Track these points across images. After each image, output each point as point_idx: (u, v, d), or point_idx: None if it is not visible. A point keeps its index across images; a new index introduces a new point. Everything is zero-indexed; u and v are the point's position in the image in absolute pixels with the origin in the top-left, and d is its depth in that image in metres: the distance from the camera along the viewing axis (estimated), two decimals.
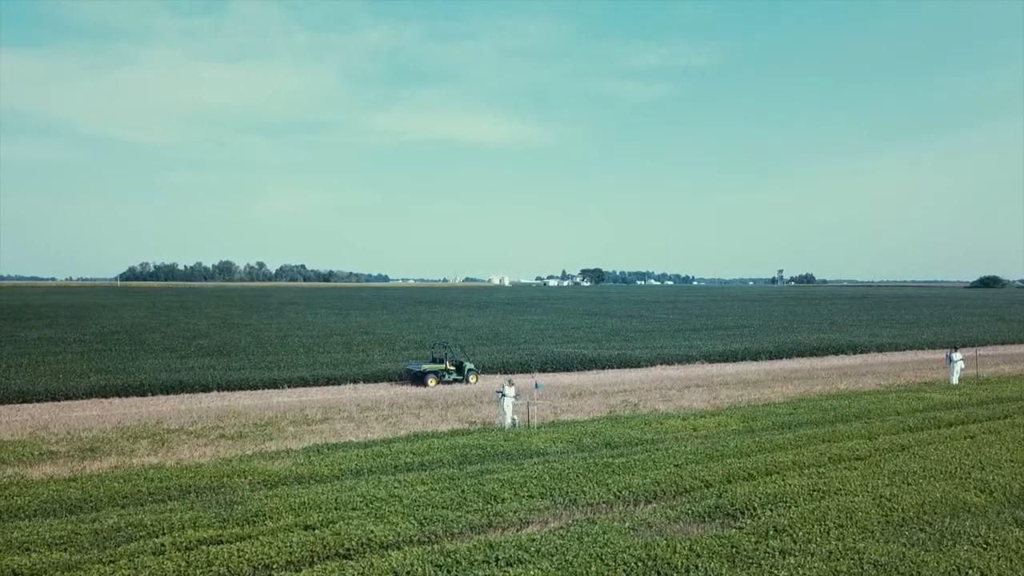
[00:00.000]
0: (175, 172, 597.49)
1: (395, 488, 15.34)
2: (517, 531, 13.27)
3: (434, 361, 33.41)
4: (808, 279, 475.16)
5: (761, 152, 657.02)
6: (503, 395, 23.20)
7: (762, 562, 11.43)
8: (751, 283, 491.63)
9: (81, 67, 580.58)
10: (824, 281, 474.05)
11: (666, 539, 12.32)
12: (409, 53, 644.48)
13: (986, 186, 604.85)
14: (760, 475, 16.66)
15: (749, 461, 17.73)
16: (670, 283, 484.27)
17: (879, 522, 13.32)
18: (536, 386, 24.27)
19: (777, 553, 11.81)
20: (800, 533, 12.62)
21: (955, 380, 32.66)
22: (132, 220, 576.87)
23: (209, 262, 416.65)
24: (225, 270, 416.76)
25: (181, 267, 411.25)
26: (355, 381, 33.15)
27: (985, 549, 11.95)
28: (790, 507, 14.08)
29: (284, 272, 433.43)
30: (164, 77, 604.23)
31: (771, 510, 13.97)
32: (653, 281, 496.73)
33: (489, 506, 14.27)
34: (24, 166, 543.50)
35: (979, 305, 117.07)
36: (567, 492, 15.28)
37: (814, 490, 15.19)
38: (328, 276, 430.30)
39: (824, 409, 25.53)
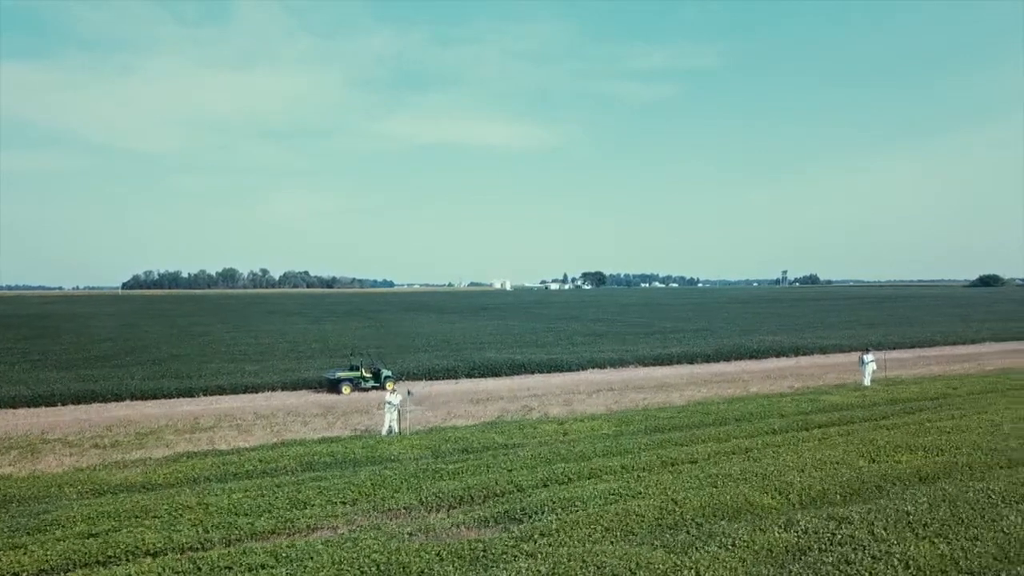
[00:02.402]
0: (180, 179, 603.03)
1: (210, 496, 15.72)
2: (301, 537, 13.60)
3: (351, 369, 33.80)
4: (812, 280, 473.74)
5: (766, 152, 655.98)
6: (389, 403, 23.63)
7: (500, 564, 11.74)
8: (755, 284, 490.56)
9: (87, 77, 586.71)
10: (829, 282, 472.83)
11: (427, 543, 12.64)
12: (413, 58, 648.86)
13: (987, 185, 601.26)
14: (578, 479, 16.98)
15: (580, 465, 18.05)
16: (675, 285, 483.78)
17: (649, 525, 13.59)
18: (408, 393, 24.65)
19: (523, 555, 12.11)
20: (561, 536, 12.93)
21: (867, 382, 32.79)
22: (138, 228, 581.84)
23: (213, 269, 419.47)
24: (228, 277, 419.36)
25: (185, 275, 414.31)
26: (274, 389, 33.58)
27: (728, 550, 12.22)
28: (576, 511, 14.37)
29: (287, 279, 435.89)
30: (169, 85, 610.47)
31: (556, 514, 14.26)
32: (658, 283, 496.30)
33: (289, 512, 14.63)
34: (31, 176, 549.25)
35: (960, 305, 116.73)
36: (376, 498, 15.64)
37: (613, 494, 15.49)
38: (331, 282, 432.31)
39: (712, 412, 25.79)
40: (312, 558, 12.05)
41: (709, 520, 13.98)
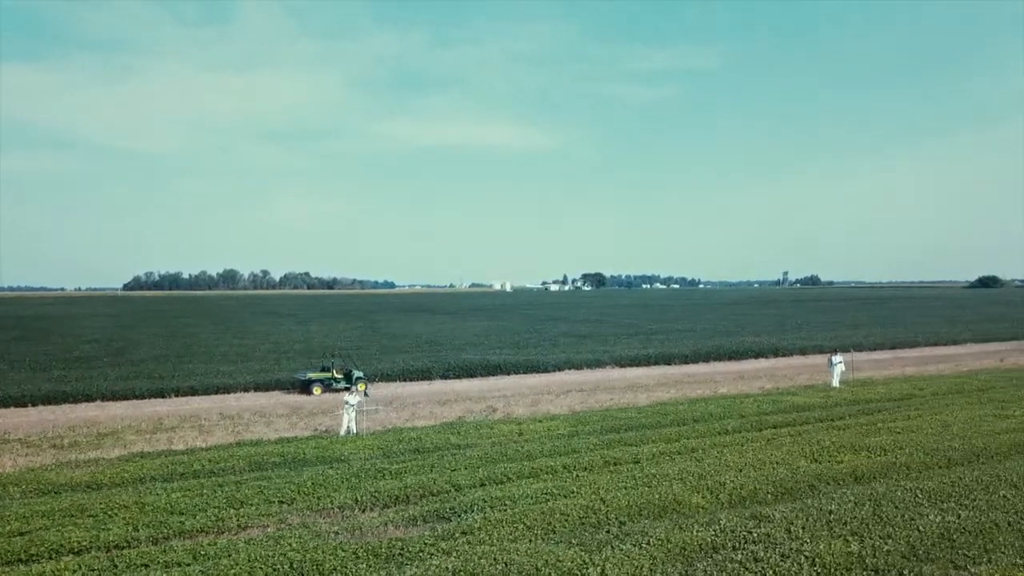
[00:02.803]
0: (181, 181, 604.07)
1: (149, 495, 15.91)
2: (230, 536, 13.78)
3: (323, 370, 33.97)
4: (813, 281, 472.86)
5: (768, 153, 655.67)
6: (347, 403, 23.86)
7: (414, 562, 11.91)
8: (756, 285, 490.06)
9: (89, 79, 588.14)
10: (831, 283, 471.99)
11: (347, 542, 12.83)
12: (414, 59, 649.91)
13: (988, 187, 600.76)
14: (517, 478, 17.19)
15: (524, 465, 18.26)
16: (676, 286, 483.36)
17: (572, 524, 13.77)
18: (364, 394, 24.80)
19: (439, 553, 12.30)
20: (482, 535, 13.12)
21: (836, 383, 32.92)
22: (139, 230, 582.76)
23: (214, 270, 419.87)
24: (229, 278, 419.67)
25: (186, 276, 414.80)
26: (247, 390, 33.77)
27: (641, 548, 12.40)
28: (504, 510, 14.57)
29: (288, 280, 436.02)
30: (171, 87, 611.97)
31: (483, 513, 14.46)
32: (659, 285, 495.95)
33: (224, 512, 14.81)
34: (33, 177, 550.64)
35: (952, 306, 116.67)
36: (313, 498, 15.83)
37: (545, 493, 15.69)
38: (332, 284, 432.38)
39: (671, 413, 25.95)
40: (230, 556, 12.24)
41: (633, 519, 14.17)
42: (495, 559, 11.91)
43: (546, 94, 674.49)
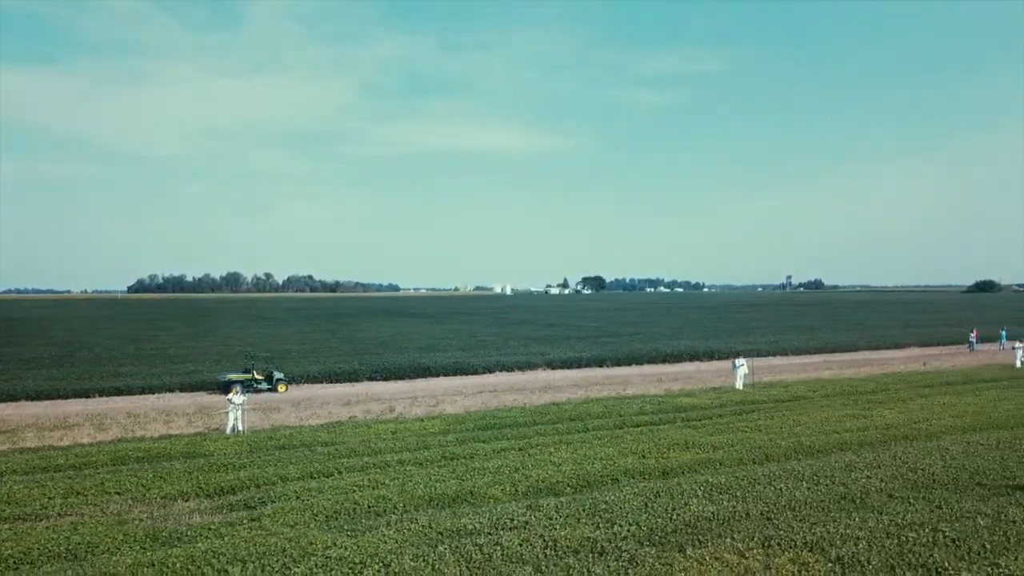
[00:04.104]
0: (189, 185, 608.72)
1: None
2: (47, 522, 14.91)
3: (245, 372, 35.19)
4: (817, 285, 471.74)
5: (774, 157, 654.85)
6: (231, 402, 25.05)
7: (185, 544, 12.98)
8: (760, 289, 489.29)
9: (97, 83, 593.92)
10: (835, 287, 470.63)
11: (131, 527, 13.96)
12: (422, 65, 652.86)
13: (992, 191, 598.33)
14: (343, 472, 18.34)
15: (365, 460, 19.50)
16: (680, 290, 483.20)
17: (360, 513, 14.85)
18: (245, 393, 25.94)
19: (214, 537, 13.35)
20: (266, 521, 14.23)
21: (739, 385, 33.89)
22: (146, 233, 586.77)
23: (218, 273, 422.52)
24: (232, 281, 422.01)
25: (189, 278, 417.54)
26: (172, 390, 34.99)
27: (400, 533, 13.47)
28: (305, 500, 15.70)
29: (291, 283, 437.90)
30: (179, 92, 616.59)
31: (284, 502, 15.58)
32: (663, 288, 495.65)
33: (52, 501, 15.93)
34: (40, 181, 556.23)
35: (928, 311, 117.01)
36: (145, 489, 16.96)
37: (357, 486, 16.86)
38: (335, 287, 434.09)
39: (551, 413, 27.06)
40: (21, 538, 13.39)
41: (419, 508, 15.27)
42: (256, 542, 13.03)
43: (554, 99, 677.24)
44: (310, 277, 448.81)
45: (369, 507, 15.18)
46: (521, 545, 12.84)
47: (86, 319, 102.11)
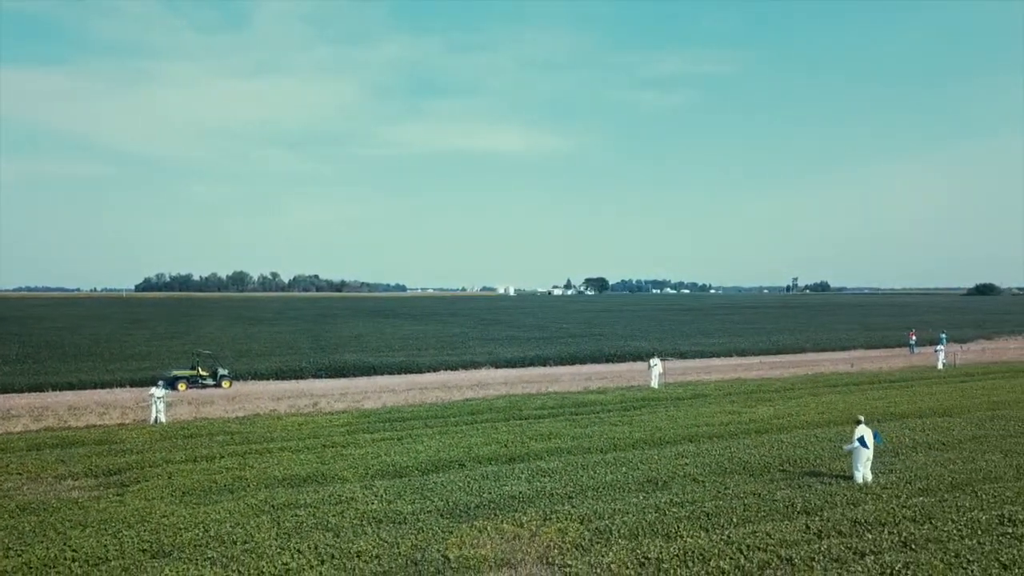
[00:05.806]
0: (198, 185, 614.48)
1: None
2: None
3: (191, 368, 37.41)
4: (823, 287, 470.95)
5: (779, 159, 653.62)
6: (153, 395, 27.37)
7: (52, 513, 15.18)
8: (766, 291, 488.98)
9: (106, 84, 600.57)
10: (841, 289, 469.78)
11: (17, 500, 16.15)
12: (428, 65, 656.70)
13: (995, 194, 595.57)
14: (230, 456, 20.48)
15: (256, 447, 21.69)
16: (686, 291, 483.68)
17: (216, 490, 17.07)
18: (164, 388, 28.16)
19: (77, 509, 15.57)
20: (131, 495, 16.47)
21: (655, 383, 35.78)
22: (155, 232, 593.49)
23: (224, 272, 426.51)
24: (238, 281, 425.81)
25: (196, 278, 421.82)
26: (123, 386, 37.17)
27: (239, 504, 15.64)
28: (177, 478, 17.88)
29: (297, 282, 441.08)
30: (188, 92, 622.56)
31: (156, 480, 17.78)
32: (669, 290, 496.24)
33: None
34: (50, 181, 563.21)
35: (908, 314, 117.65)
36: (41, 470, 19.18)
37: (226, 467, 19.07)
38: (340, 286, 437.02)
39: (456, 408, 29.01)
40: None
41: (271, 487, 17.42)
42: (107, 512, 15.27)
43: (560, 100, 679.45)
44: (316, 277, 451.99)
45: (225, 485, 17.32)
46: (335, 517, 14.94)
47: (76, 318, 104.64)
